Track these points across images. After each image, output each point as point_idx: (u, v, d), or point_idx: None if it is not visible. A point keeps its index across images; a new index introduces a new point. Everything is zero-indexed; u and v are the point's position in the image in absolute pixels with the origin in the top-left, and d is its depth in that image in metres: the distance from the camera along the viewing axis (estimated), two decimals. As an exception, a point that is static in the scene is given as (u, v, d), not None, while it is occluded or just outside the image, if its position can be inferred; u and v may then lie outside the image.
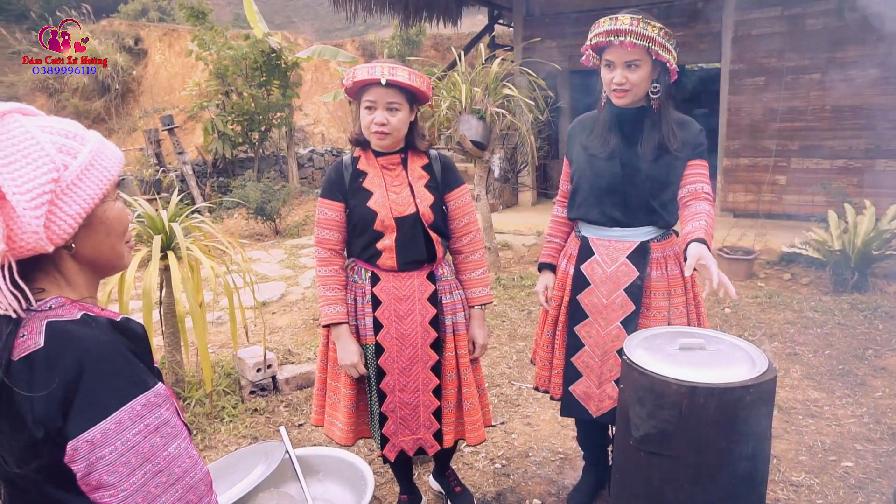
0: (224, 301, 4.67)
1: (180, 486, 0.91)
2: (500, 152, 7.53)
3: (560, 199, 2.40)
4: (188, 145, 11.50)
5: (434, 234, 2.14)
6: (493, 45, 9.67)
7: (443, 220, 2.19)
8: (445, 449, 2.30)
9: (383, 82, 1.95)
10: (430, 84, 2.08)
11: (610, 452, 2.52)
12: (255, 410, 3.40)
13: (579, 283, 2.22)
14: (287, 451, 2.15)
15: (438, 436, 2.23)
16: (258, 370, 3.52)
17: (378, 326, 2.13)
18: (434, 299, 2.16)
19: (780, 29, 6.99)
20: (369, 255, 2.13)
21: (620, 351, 2.12)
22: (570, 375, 2.27)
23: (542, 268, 2.42)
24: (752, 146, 7.35)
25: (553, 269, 2.38)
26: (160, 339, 3.61)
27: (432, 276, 2.18)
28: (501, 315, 4.83)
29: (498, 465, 2.88)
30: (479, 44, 6.69)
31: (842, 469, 2.77)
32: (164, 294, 3.38)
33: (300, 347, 4.25)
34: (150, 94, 14.69)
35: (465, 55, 5.99)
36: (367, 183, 2.10)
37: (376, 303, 2.13)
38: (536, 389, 2.46)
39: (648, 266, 2.13)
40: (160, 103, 14.10)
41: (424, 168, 2.16)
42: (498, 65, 5.53)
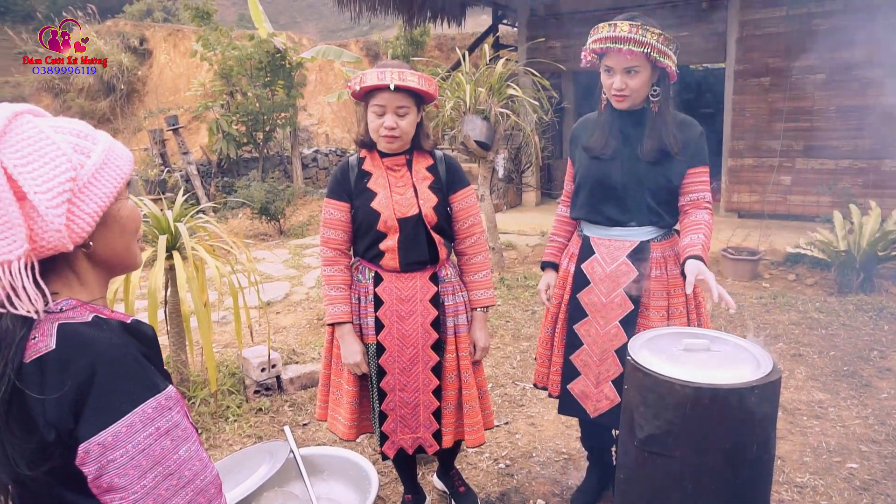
0: (228, 301, 4.68)
1: (190, 488, 0.91)
2: (504, 152, 7.53)
3: (564, 199, 2.43)
4: (193, 145, 11.53)
5: (437, 236, 2.14)
6: (497, 45, 9.67)
7: (446, 221, 2.19)
8: (449, 449, 2.31)
9: (392, 88, 1.96)
10: (437, 85, 2.09)
11: (614, 453, 2.52)
12: (260, 410, 3.41)
13: (579, 281, 2.24)
14: (291, 451, 2.15)
15: (438, 436, 2.24)
16: (262, 370, 3.53)
17: (379, 326, 2.14)
18: (436, 301, 2.17)
19: (786, 29, 6.97)
20: (373, 256, 2.14)
21: (619, 350, 2.15)
22: (569, 373, 2.29)
23: (544, 266, 2.44)
24: (757, 146, 7.33)
25: (555, 267, 2.40)
26: (165, 338, 3.62)
27: (435, 278, 2.18)
28: (505, 315, 4.83)
29: (502, 465, 2.88)
30: (484, 44, 6.69)
31: (846, 470, 2.76)
32: (169, 294, 3.39)
33: (304, 347, 4.26)
34: (155, 94, 14.73)
35: (469, 55, 5.99)
36: (371, 184, 2.11)
37: (378, 303, 2.14)
38: (535, 386, 2.49)
39: (648, 266, 2.14)
40: (165, 103, 14.13)
41: (429, 169, 2.16)
42: (502, 65, 5.53)
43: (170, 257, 3.20)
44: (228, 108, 9.80)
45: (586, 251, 2.23)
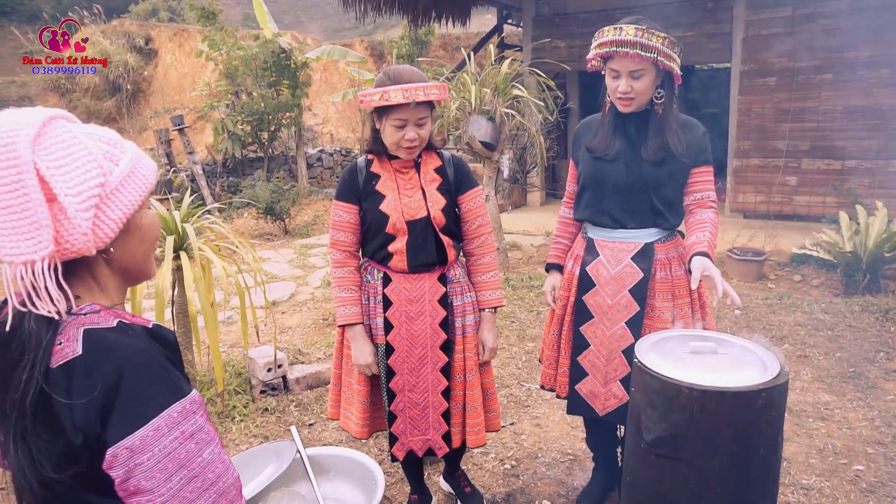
0: (234, 300, 4.70)
1: (213, 490, 0.93)
2: (509, 153, 7.53)
3: (567, 200, 2.44)
4: (198, 145, 11.57)
5: (445, 238, 2.15)
6: (503, 45, 9.66)
7: (455, 222, 2.20)
8: (455, 449, 2.32)
9: (412, 105, 1.96)
10: (447, 87, 2.09)
11: (619, 454, 2.52)
12: (266, 410, 3.43)
13: (584, 283, 2.25)
14: (298, 451, 2.17)
15: (447, 437, 2.25)
16: (269, 370, 3.54)
17: (389, 327, 2.15)
18: (444, 301, 2.18)
19: (791, 29, 6.95)
20: (381, 257, 2.15)
21: (626, 351, 2.16)
22: (576, 374, 2.30)
23: (549, 268, 2.45)
24: (763, 147, 7.31)
25: (560, 269, 2.40)
26: (172, 338, 3.64)
27: (444, 278, 2.19)
28: (510, 316, 4.83)
29: (507, 465, 2.89)
30: (489, 44, 6.69)
31: (853, 472, 2.76)
32: (176, 294, 3.41)
33: (310, 347, 4.28)
34: (161, 94, 14.78)
35: (473, 55, 5.99)
36: (380, 186, 2.11)
37: (387, 303, 2.15)
38: (542, 388, 2.49)
39: (653, 267, 2.15)
40: (170, 103, 14.18)
41: (437, 171, 2.17)
42: (507, 66, 5.53)
43: (177, 257, 3.22)
44: (233, 108, 9.82)
45: (591, 253, 2.24)
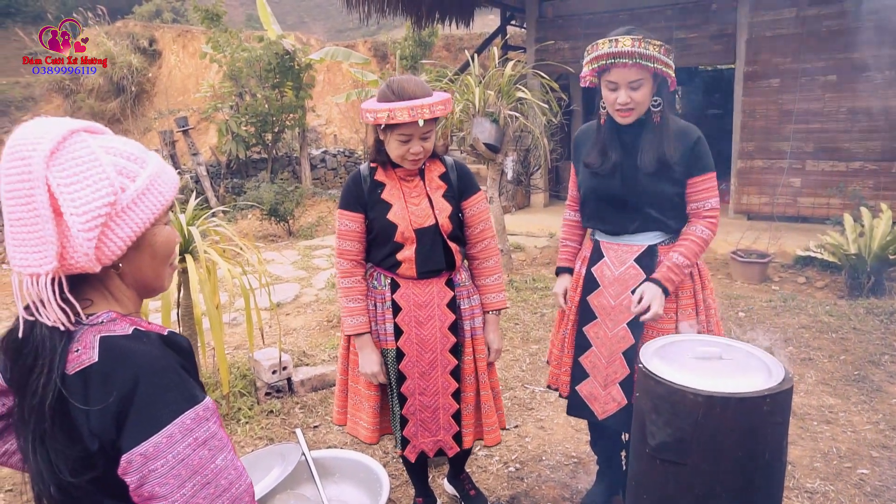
0: (239, 302, 4.71)
1: (226, 497, 0.93)
2: (512, 155, 7.53)
3: (570, 203, 2.46)
4: (202, 146, 11.59)
5: (453, 244, 2.17)
6: (506, 46, 9.67)
7: (460, 227, 2.22)
8: (461, 452, 2.34)
9: (421, 123, 1.96)
10: (452, 99, 2.09)
11: (624, 457, 2.53)
12: (271, 412, 3.44)
13: (589, 284, 2.29)
14: (303, 453, 2.17)
15: (457, 438, 2.28)
16: (273, 372, 3.55)
17: (398, 332, 2.17)
18: (453, 305, 2.20)
19: (796, 30, 6.94)
20: (389, 265, 2.16)
21: (627, 352, 2.18)
22: (577, 375, 2.33)
23: (559, 272, 2.46)
24: (767, 148, 7.30)
25: (570, 272, 2.42)
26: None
27: (451, 283, 2.21)
28: (514, 318, 4.83)
29: (512, 468, 2.89)
30: (492, 46, 6.70)
31: (857, 476, 2.76)
32: (181, 296, 3.42)
33: (315, 349, 4.29)
34: (165, 95, 14.81)
35: (477, 57, 6.00)
36: (385, 194, 2.12)
37: (396, 309, 2.17)
38: (549, 388, 2.52)
39: (656, 269, 2.16)
40: (174, 104, 14.22)
41: (441, 177, 2.18)
42: (511, 67, 5.54)
43: (182, 260, 3.23)
44: (238, 110, 9.85)
45: (596, 255, 2.28)
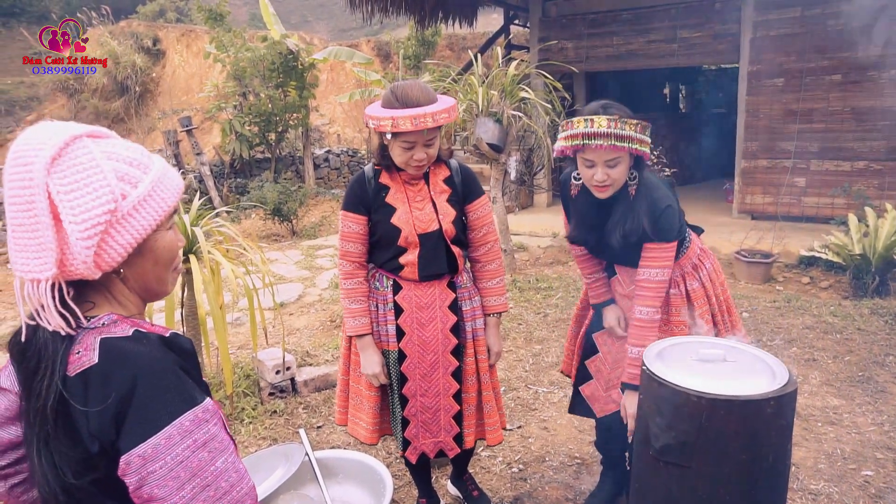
0: (242, 302, 4.72)
1: (227, 500, 0.93)
2: (516, 154, 7.52)
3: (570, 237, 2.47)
4: (206, 146, 11.61)
5: (456, 249, 2.17)
6: (509, 46, 9.65)
7: (463, 231, 2.22)
8: (463, 453, 2.35)
9: (426, 133, 1.95)
10: (456, 105, 2.06)
11: (628, 457, 2.53)
12: (275, 412, 3.44)
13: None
14: (307, 454, 2.18)
15: (458, 439, 2.29)
16: (277, 372, 3.56)
17: (400, 333, 2.18)
18: (455, 306, 2.20)
19: (800, 29, 6.91)
20: (392, 267, 2.17)
21: None
22: (582, 376, 2.44)
23: (602, 306, 2.38)
24: (771, 148, 7.28)
25: (612, 301, 2.37)
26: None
27: (452, 285, 2.21)
28: (517, 318, 4.83)
29: (515, 469, 2.89)
30: (495, 45, 6.69)
31: (861, 478, 2.75)
32: (185, 296, 3.43)
33: (318, 349, 4.29)
34: (169, 94, 14.84)
35: (480, 56, 5.99)
36: (390, 198, 2.12)
37: (398, 310, 2.17)
38: (562, 372, 2.65)
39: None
40: (178, 104, 14.24)
41: (446, 181, 2.18)
42: (514, 67, 5.53)
43: (186, 260, 3.24)
44: (241, 109, 9.86)
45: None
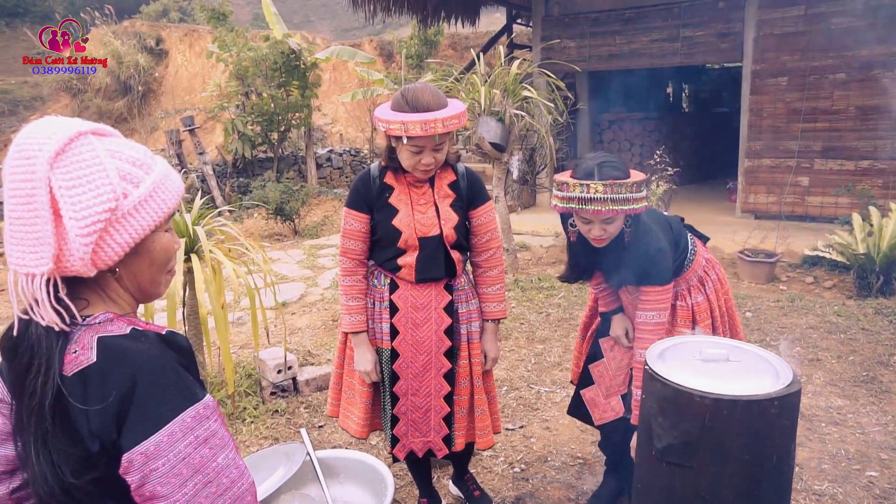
0: (244, 301, 4.72)
1: (228, 496, 0.93)
2: (518, 154, 7.52)
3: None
4: (208, 145, 11.62)
5: (455, 253, 2.17)
6: (512, 45, 9.64)
7: (465, 237, 2.21)
8: (462, 453, 2.35)
9: (437, 139, 1.93)
10: (465, 111, 2.03)
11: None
12: (276, 412, 3.44)
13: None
14: (308, 453, 2.17)
15: (449, 440, 2.28)
16: (279, 371, 3.55)
17: (394, 332, 2.18)
18: (450, 308, 2.20)
19: (804, 28, 6.88)
20: (390, 267, 2.17)
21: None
22: (585, 380, 2.48)
23: (610, 315, 2.40)
24: (775, 147, 7.25)
25: (621, 310, 2.39)
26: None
27: (449, 287, 2.21)
28: (520, 318, 4.82)
29: (517, 469, 2.88)
30: (498, 45, 6.68)
31: (866, 478, 2.73)
32: (187, 295, 3.43)
33: (320, 348, 4.29)
34: (171, 94, 14.86)
35: (483, 56, 5.98)
36: (393, 199, 2.11)
37: (394, 309, 2.17)
38: (571, 382, 2.66)
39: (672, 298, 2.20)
40: (181, 103, 14.26)
41: (451, 186, 2.16)
42: (517, 66, 5.52)
43: (188, 260, 3.23)
44: (244, 109, 9.86)
45: None
